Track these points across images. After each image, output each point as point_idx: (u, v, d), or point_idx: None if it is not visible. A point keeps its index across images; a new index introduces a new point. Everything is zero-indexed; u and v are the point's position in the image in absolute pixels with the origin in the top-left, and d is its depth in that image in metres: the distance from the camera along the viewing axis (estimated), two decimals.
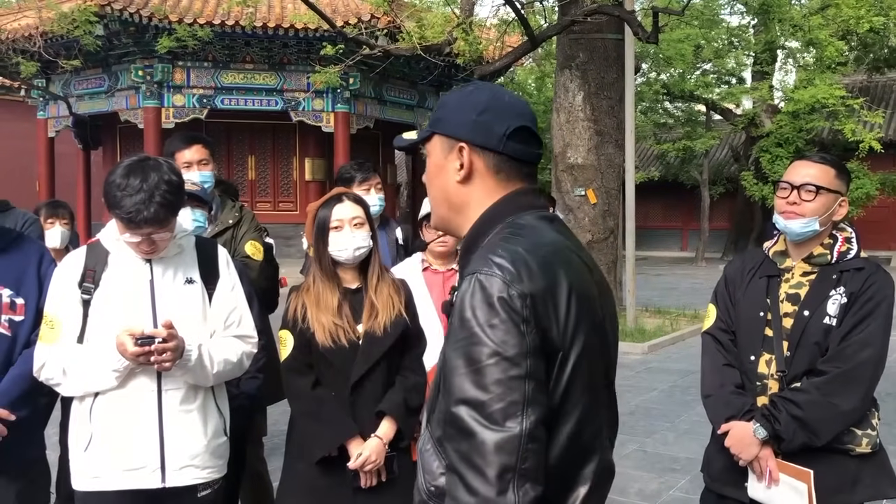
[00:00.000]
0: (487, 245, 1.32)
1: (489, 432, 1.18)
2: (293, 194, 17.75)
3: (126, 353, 2.20)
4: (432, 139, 1.43)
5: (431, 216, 1.52)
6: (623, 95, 9.92)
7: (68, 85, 16.77)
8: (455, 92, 1.47)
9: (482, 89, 1.43)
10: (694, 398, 6.57)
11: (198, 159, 3.34)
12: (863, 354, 2.24)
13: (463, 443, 1.20)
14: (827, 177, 2.37)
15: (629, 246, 10.62)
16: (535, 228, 1.34)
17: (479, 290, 1.23)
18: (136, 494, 2.31)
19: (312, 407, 2.53)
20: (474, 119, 1.38)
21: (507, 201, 1.38)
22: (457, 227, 1.44)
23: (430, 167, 1.45)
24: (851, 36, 17.31)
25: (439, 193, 1.44)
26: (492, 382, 1.19)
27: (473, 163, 1.38)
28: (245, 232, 3.44)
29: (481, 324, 1.21)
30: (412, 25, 10.01)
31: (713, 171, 23.98)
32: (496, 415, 1.18)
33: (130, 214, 2.19)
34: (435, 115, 1.45)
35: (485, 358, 1.19)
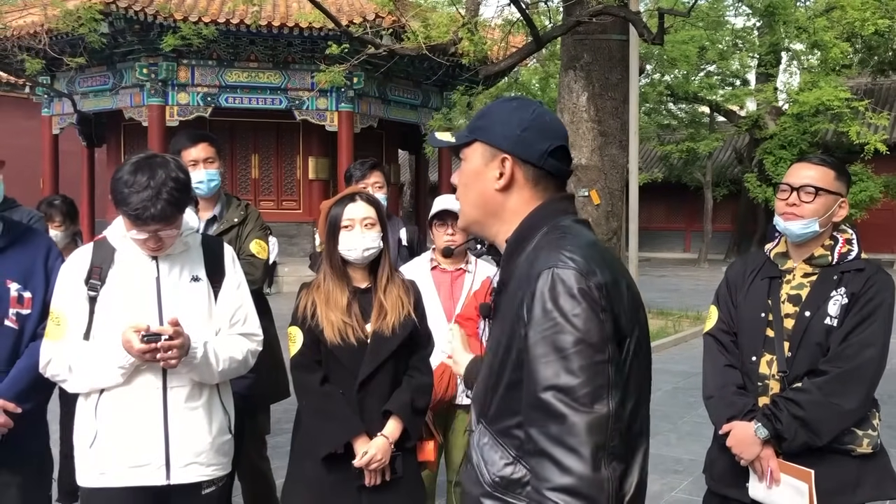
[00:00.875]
0: (541, 245, 1.42)
1: (580, 414, 1.26)
2: (296, 193, 17.76)
3: (132, 350, 2.22)
4: (473, 145, 1.53)
5: (461, 216, 1.60)
6: (627, 96, 9.92)
7: (73, 82, 16.80)
8: (500, 104, 1.56)
9: (527, 106, 1.53)
10: (696, 399, 6.57)
11: (203, 157, 3.35)
12: (864, 355, 2.26)
13: (553, 426, 1.27)
14: (826, 178, 2.38)
15: (632, 247, 10.62)
16: (578, 231, 1.45)
17: (558, 282, 1.32)
18: (140, 491, 2.33)
19: (320, 403, 2.55)
20: (518, 134, 1.48)
21: (547, 207, 1.49)
22: (486, 228, 1.55)
23: (466, 171, 1.54)
24: (856, 38, 17.29)
25: (475, 197, 1.53)
26: (579, 368, 1.28)
27: (514, 174, 1.49)
28: (250, 230, 3.45)
29: (565, 314, 1.30)
30: (417, 25, 10.02)
31: (716, 173, 23.96)
32: (585, 398, 1.27)
33: (137, 211, 2.20)
34: (477, 123, 1.54)
35: (571, 345, 1.28)
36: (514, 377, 1.37)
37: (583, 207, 10.00)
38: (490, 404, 1.44)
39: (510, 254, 1.49)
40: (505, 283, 1.49)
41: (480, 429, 1.47)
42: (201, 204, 3.45)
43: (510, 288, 1.45)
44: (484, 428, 1.45)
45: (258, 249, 3.37)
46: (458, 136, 1.57)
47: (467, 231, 1.62)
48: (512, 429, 1.39)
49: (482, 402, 1.47)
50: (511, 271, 1.47)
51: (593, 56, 9.61)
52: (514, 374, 1.37)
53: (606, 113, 9.82)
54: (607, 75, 9.73)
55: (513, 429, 1.38)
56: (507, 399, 1.39)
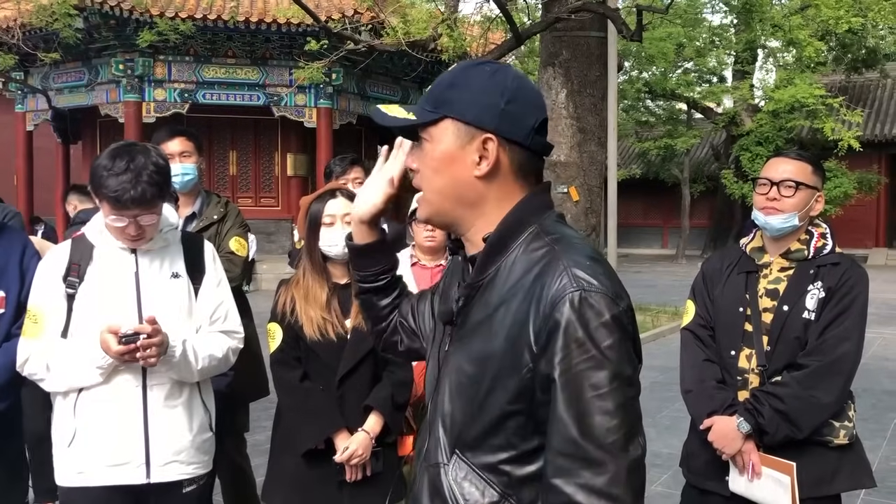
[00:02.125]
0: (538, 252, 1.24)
1: (620, 460, 1.14)
2: (275, 190, 17.66)
3: (110, 352, 2.19)
4: (441, 123, 1.28)
5: (423, 206, 1.34)
6: (605, 93, 9.96)
7: (47, 78, 16.58)
8: (471, 69, 1.29)
9: (506, 72, 1.29)
10: (675, 394, 6.62)
11: (179, 151, 3.33)
12: (841, 348, 2.28)
13: (591, 475, 1.14)
14: (804, 173, 2.41)
15: (611, 243, 10.69)
16: (573, 235, 1.29)
17: (587, 308, 1.15)
18: (120, 490, 2.30)
19: (300, 400, 2.54)
20: (503, 107, 1.25)
21: (531, 202, 1.29)
22: (460, 222, 1.32)
23: (434, 154, 1.29)
24: (830, 36, 17.51)
25: (447, 185, 1.29)
26: (616, 407, 1.15)
27: (499, 157, 1.26)
28: (230, 227, 3.42)
29: (599, 346, 1.15)
30: (396, 21, 10.00)
31: (694, 170, 24.17)
32: (623, 440, 1.15)
33: (117, 193, 2.17)
34: (445, 95, 1.28)
35: (607, 383, 1.14)
36: (510, 409, 1.21)
37: (562, 204, 10.03)
38: (469, 434, 1.26)
39: (491, 253, 1.27)
40: (477, 288, 1.28)
41: (456, 461, 1.27)
42: (181, 200, 3.42)
43: (491, 297, 1.26)
44: (460, 459, 1.27)
45: (237, 247, 3.35)
46: (419, 113, 1.29)
47: (429, 223, 1.38)
48: (500, 464, 1.23)
49: (458, 430, 1.27)
50: (489, 274, 1.27)
51: (572, 53, 9.64)
52: (510, 405, 1.21)
53: (585, 109, 9.86)
54: (586, 72, 9.77)
55: (501, 464, 1.23)
56: (496, 432, 1.23)
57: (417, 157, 1.33)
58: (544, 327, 1.17)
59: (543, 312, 1.18)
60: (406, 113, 1.31)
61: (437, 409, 1.33)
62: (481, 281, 1.28)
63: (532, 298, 1.20)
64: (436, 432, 1.33)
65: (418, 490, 1.36)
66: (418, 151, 1.33)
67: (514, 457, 1.23)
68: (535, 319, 1.18)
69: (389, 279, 1.61)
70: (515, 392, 1.21)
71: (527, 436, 1.23)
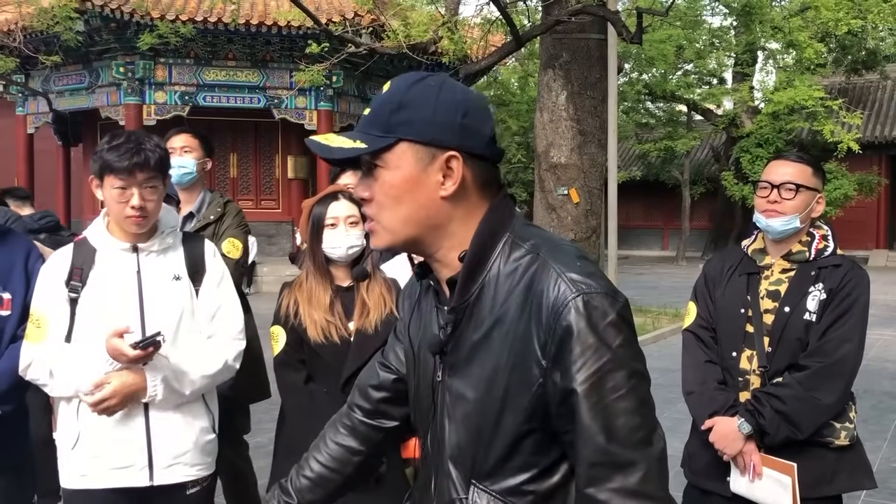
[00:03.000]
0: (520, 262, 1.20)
1: (648, 456, 1.14)
2: (275, 192, 17.68)
3: (122, 358, 2.19)
4: (397, 147, 1.21)
5: (381, 237, 1.26)
6: (606, 95, 9.98)
7: (48, 81, 16.60)
8: (413, 86, 1.23)
9: (451, 84, 1.24)
10: (675, 396, 6.63)
11: (179, 146, 3.34)
12: (843, 349, 2.29)
13: (622, 478, 1.13)
14: (805, 175, 2.42)
15: (611, 245, 10.70)
16: (551, 236, 1.27)
17: (593, 311, 1.13)
18: (124, 492, 2.31)
19: (304, 402, 2.54)
20: (461, 122, 1.21)
21: (498, 211, 1.25)
22: (429, 245, 1.26)
23: (393, 181, 1.21)
24: (830, 38, 17.55)
25: (412, 212, 1.22)
26: (638, 405, 1.15)
27: (463, 174, 1.21)
28: (226, 228, 3.40)
29: (611, 346, 1.13)
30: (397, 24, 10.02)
31: (694, 171, 24.19)
32: (647, 436, 1.15)
33: (121, 159, 2.23)
34: (397, 117, 1.21)
35: (625, 381, 1.14)
36: (526, 428, 1.18)
37: (562, 206, 10.05)
38: (484, 462, 1.22)
39: (471, 272, 1.22)
40: (463, 310, 1.23)
41: (475, 491, 1.23)
42: (181, 198, 3.42)
43: (482, 316, 1.21)
44: (479, 490, 1.23)
45: (230, 248, 3.30)
46: (368, 140, 1.21)
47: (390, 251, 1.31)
48: (523, 485, 1.20)
49: (471, 461, 1.23)
50: (473, 293, 1.22)
51: (572, 55, 9.66)
52: (525, 425, 1.18)
53: (585, 112, 9.87)
54: (586, 74, 9.78)
55: (524, 485, 1.20)
56: (514, 454, 1.20)
57: (367, 186, 1.25)
58: (551, 338, 1.14)
59: (547, 324, 1.14)
60: (350, 141, 1.22)
61: (441, 443, 1.28)
62: (466, 301, 1.23)
63: (530, 311, 1.16)
64: (444, 467, 1.27)
65: None
66: (369, 180, 1.25)
67: (535, 475, 1.21)
68: (539, 331, 1.15)
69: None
70: (529, 410, 1.17)
71: (546, 451, 1.20)
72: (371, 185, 1.24)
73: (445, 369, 1.28)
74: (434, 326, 1.31)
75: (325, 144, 1.24)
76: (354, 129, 1.27)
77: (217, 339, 2.43)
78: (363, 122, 1.26)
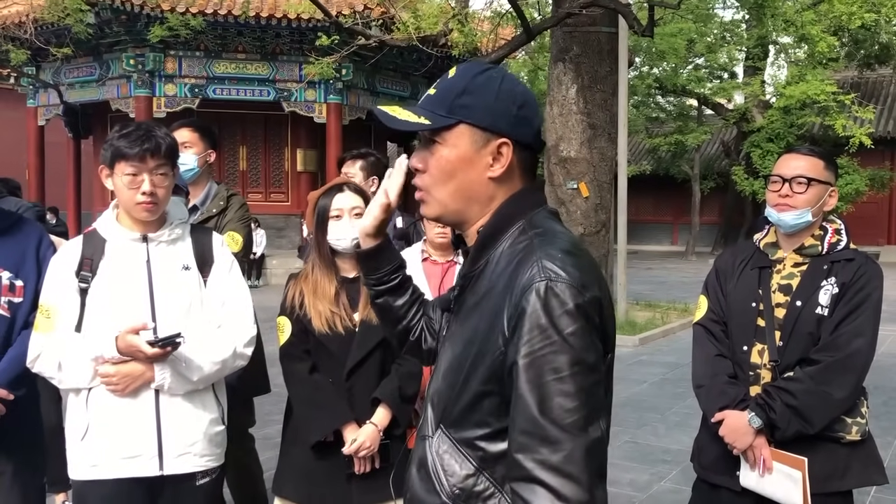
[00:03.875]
0: (520, 245, 1.32)
1: (578, 440, 1.19)
2: (285, 185, 17.71)
3: (139, 355, 2.22)
4: (457, 128, 1.34)
5: (431, 205, 1.40)
6: (616, 89, 9.94)
7: (59, 73, 16.67)
8: (480, 76, 1.36)
9: (511, 78, 1.38)
10: (684, 390, 6.62)
11: (180, 142, 3.33)
12: (855, 344, 2.27)
13: (549, 452, 1.20)
14: (817, 168, 2.40)
15: (620, 239, 10.66)
16: (558, 231, 1.35)
17: (552, 297, 1.22)
18: (134, 482, 2.31)
19: (309, 392, 2.55)
20: (516, 113, 1.34)
21: (525, 197, 1.38)
22: (468, 219, 1.40)
23: (449, 157, 1.35)
24: (843, 32, 17.40)
25: (461, 187, 1.36)
26: (576, 391, 1.20)
27: (512, 159, 1.34)
28: (228, 221, 3.39)
29: (562, 332, 1.21)
30: (407, 16, 10.00)
31: (704, 166, 24.09)
32: (581, 422, 1.20)
33: (132, 144, 2.27)
34: (459, 101, 1.34)
35: (568, 366, 1.20)
36: (485, 389, 1.30)
37: (572, 200, 10.02)
38: (452, 411, 1.35)
39: (483, 246, 1.36)
40: (470, 278, 1.38)
41: (440, 434, 1.37)
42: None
43: (481, 286, 1.35)
44: (443, 434, 1.36)
45: (228, 241, 3.29)
46: (433, 118, 1.34)
47: (438, 221, 1.44)
48: (476, 440, 1.32)
49: (444, 406, 1.37)
50: (480, 265, 1.37)
51: (583, 48, 9.62)
52: (484, 385, 1.29)
53: (595, 105, 9.84)
54: (596, 68, 9.74)
55: (477, 440, 1.32)
56: (473, 410, 1.32)
57: (423, 158, 1.39)
58: (514, 314, 1.25)
59: (514, 300, 1.25)
60: (415, 116, 1.35)
61: (430, 387, 1.45)
62: (473, 271, 1.38)
63: (508, 288, 1.28)
64: (427, 408, 1.44)
65: (411, 459, 1.47)
66: (424, 153, 1.39)
67: (488, 434, 1.31)
68: (508, 306, 1.26)
69: (401, 277, 1.66)
70: (488, 373, 1.29)
71: (500, 415, 1.29)
72: (426, 159, 1.38)
73: (448, 326, 1.46)
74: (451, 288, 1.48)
75: (391, 115, 1.36)
76: (419, 104, 1.40)
77: (227, 326, 2.44)
78: (428, 101, 1.38)
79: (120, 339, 2.21)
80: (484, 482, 1.32)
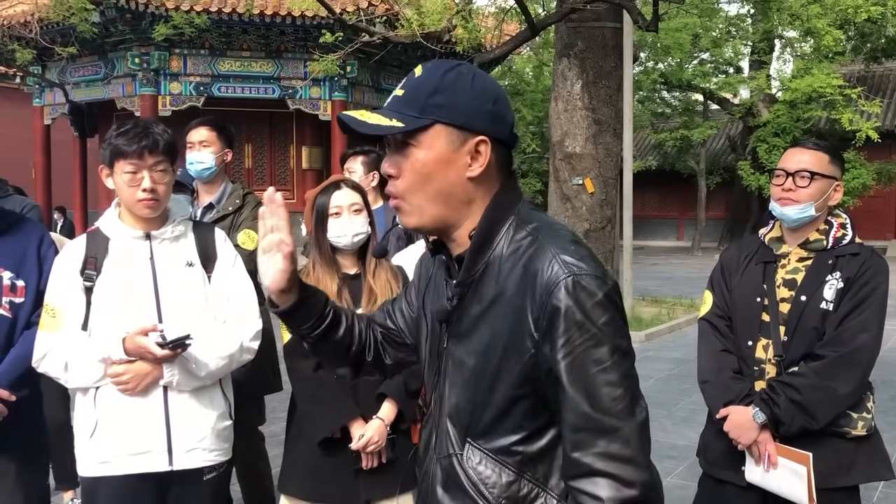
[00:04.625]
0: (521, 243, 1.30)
1: (630, 425, 1.23)
2: (290, 183, 17.72)
3: (149, 356, 2.23)
4: (432, 129, 1.30)
5: (411, 216, 1.34)
6: (621, 84, 9.91)
7: (64, 72, 16.70)
8: (448, 73, 1.31)
9: (482, 74, 1.34)
10: (690, 386, 6.61)
11: (198, 140, 3.37)
12: (860, 339, 2.26)
13: (605, 443, 1.22)
14: (821, 163, 2.39)
15: (626, 235, 10.65)
16: (552, 222, 1.35)
17: (581, 291, 1.23)
18: (143, 478, 2.33)
19: (315, 389, 2.56)
20: (491, 109, 1.31)
21: (509, 193, 1.35)
22: (453, 224, 1.35)
23: (425, 160, 1.30)
24: (849, 25, 17.31)
25: (439, 190, 1.31)
26: (619, 378, 1.23)
27: (490, 157, 1.31)
28: (243, 220, 3.42)
29: (596, 324, 1.22)
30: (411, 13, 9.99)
31: (710, 161, 24.01)
32: (630, 406, 1.23)
33: (130, 142, 2.28)
34: (433, 100, 1.29)
35: (608, 356, 1.23)
36: (517, 393, 1.28)
37: (577, 196, 10.01)
38: (479, 423, 1.33)
39: (479, 249, 1.32)
40: (469, 284, 1.33)
41: (469, 448, 1.34)
42: (202, 189, 3.46)
43: (485, 291, 1.31)
44: (473, 447, 1.34)
45: (244, 239, 3.32)
46: (405, 119, 1.29)
47: (419, 230, 1.37)
48: (513, 445, 1.31)
49: (467, 420, 1.34)
50: (479, 270, 1.32)
51: (587, 44, 9.59)
52: (516, 390, 1.28)
53: (600, 101, 9.81)
54: (601, 63, 9.71)
55: (514, 445, 1.31)
56: (506, 416, 1.31)
57: (395, 163, 1.34)
58: (543, 314, 1.24)
59: (540, 300, 1.24)
60: (386, 119, 1.30)
61: (441, 405, 1.40)
62: (472, 277, 1.33)
63: (527, 287, 1.26)
64: (443, 426, 1.39)
65: (431, 482, 1.41)
66: (397, 158, 1.33)
67: (524, 437, 1.31)
68: (533, 307, 1.25)
69: (331, 314, 1.55)
70: (520, 377, 1.28)
71: (535, 417, 1.30)
72: (400, 163, 1.33)
73: (450, 338, 1.39)
74: (443, 298, 1.41)
75: (360, 120, 1.31)
76: (385, 107, 1.34)
77: (232, 321, 2.45)
78: (397, 102, 1.33)
79: (128, 340, 2.23)
80: (527, 485, 1.31)
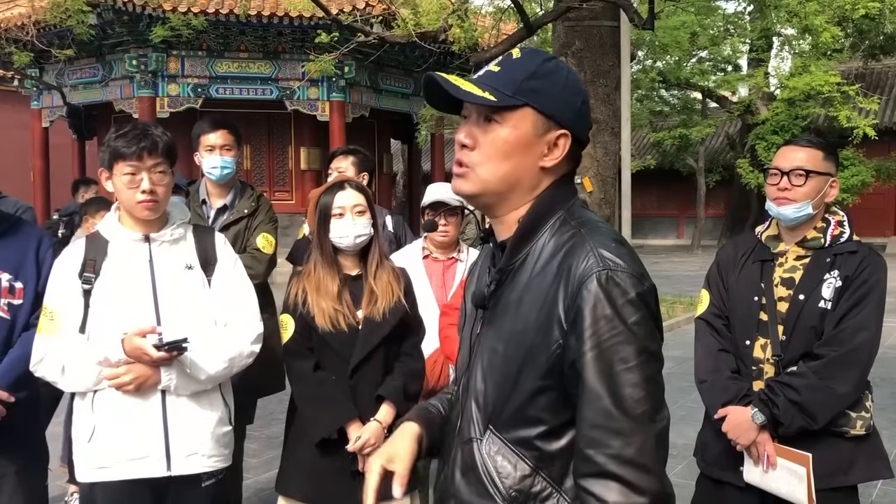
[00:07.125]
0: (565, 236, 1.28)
1: (648, 430, 1.19)
2: (289, 184, 17.70)
3: (144, 359, 2.22)
4: (522, 110, 1.29)
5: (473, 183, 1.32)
6: (619, 83, 9.89)
7: (62, 74, 16.68)
8: (547, 62, 1.32)
9: (574, 72, 1.36)
10: (690, 384, 6.58)
11: (221, 144, 3.38)
12: (858, 338, 2.26)
13: (620, 445, 1.18)
14: (815, 160, 2.38)
15: (625, 234, 10.64)
16: (600, 222, 1.34)
17: (614, 286, 1.20)
18: (141, 484, 2.32)
19: (313, 390, 2.56)
20: (579, 107, 1.33)
21: (563, 188, 1.35)
22: (504, 204, 1.34)
23: (508, 138, 1.29)
24: (847, 22, 17.27)
25: (512, 170, 1.31)
26: (644, 380, 1.20)
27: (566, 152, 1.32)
28: (259, 223, 3.44)
29: (626, 321, 1.20)
30: (407, 12, 9.98)
31: (709, 159, 24.00)
32: (651, 411, 1.20)
33: (129, 144, 2.28)
34: (530, 84, 1.29)
35: (635, 356, 1.20)
36: (542, 384, 1.25)
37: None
38: (502, 411, 1.30)
39: (523, 237, 1.32)
40: (509, 271, 1.32)
41: (490, 436, 1.32)
42: (214, 191, 3.47)
43: (521, 279, 1.30)
44: (493, 435, 1.31)
45: (264, 244, 3.35)
46: (498, 95, 1.28)
47: (472, 198, 1.35)
48: (532, 439, 1.28)
49: (492, 407, 1.32)
50: (521, 258, 1.31)
51: (585, 43, 9.58)
52: (542, 381, 1.25)
53: (598, 100, 9.79)
54: (599, 62, 9.70)
55: (533, 439, 1.28)
56: (528, 407, 1.27)
57: (472, 134, 1.32)
58: (573, 305, 1.22)
59: (572, 291, 1.22)
60: (479, 90, 1.28)
61: (468, 388, 1.38)
62: (512, 264, 1.32)
63: (561, 278, 1.24)
64: (468, 410, 1.37)
65: (451, 467, 1.39)
66: (474, 129, 1.32)
67: (545, 432, 1.28)
68: (564, 298, 1.23)
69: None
70: (546, 368, 1.25)
71: (557, 411, 1.27)
72: (477, 136, 1.32)
73: (485, 323, 1.37)
74: (483, 284, 1.40)
75: (455, 84, 1.29)
76: (477, 78, 1.32)
77: (233, 324, 2.44)
78: (491, 77, 1.31)
79: (126, 341, 2.22)
80: (541, 482, 1.28)
